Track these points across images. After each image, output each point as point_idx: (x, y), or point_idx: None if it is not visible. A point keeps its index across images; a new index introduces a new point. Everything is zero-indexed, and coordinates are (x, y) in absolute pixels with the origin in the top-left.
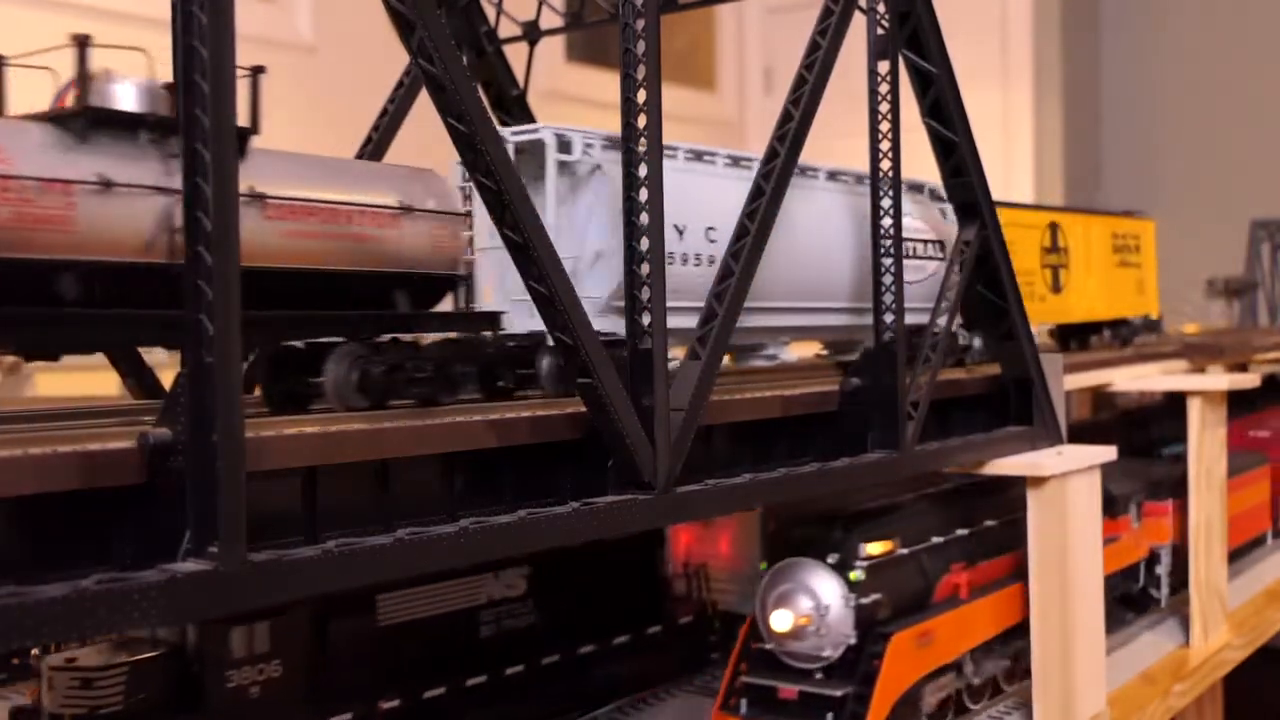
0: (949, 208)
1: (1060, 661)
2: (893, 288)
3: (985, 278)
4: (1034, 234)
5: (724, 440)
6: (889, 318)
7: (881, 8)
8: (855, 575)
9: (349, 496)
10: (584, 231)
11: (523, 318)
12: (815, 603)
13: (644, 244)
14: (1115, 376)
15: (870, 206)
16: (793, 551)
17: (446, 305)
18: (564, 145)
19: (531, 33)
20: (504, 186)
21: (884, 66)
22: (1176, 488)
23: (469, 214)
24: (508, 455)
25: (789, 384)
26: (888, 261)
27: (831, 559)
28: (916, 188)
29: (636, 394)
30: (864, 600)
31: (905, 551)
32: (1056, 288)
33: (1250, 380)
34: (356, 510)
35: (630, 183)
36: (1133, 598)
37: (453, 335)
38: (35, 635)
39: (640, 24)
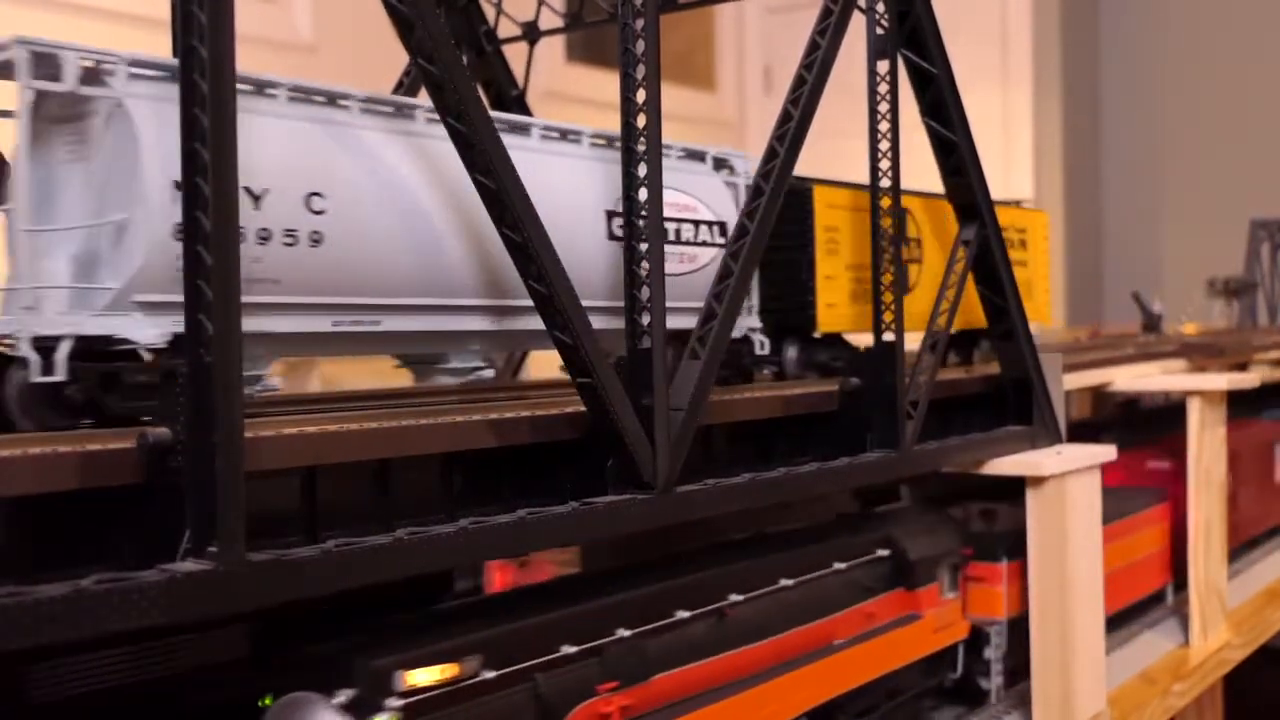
0: (741, 180)
1: (1060, 661)
2: (893, 286)
3: (984, 277)
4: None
5: (723, 440)
6: (888, 317)
7: (881, 7)
8: None
9: (348, 496)
10: (99, 196)
11: None
12: None
13: (643, 245)
14: (1115, 376)
15: (870, 205)
16: (300, 679)
17: None
18: (47, 66)
19: (531, 33)
20: (504, 186)
21: (883, 66)
22: (1017, 543)
23: None
24: (508, 455)
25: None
26: (887, 260)
27: (342, 696)
28: (696, 156)
29: (636, 394)
30: None
31: (491, 675)
32: (907, 286)
33: (1250, 380)
34: (356, 510)
35: (630, 182)
36: (948, 690)
37: None
38: (35, 635)
39: (639, 23)
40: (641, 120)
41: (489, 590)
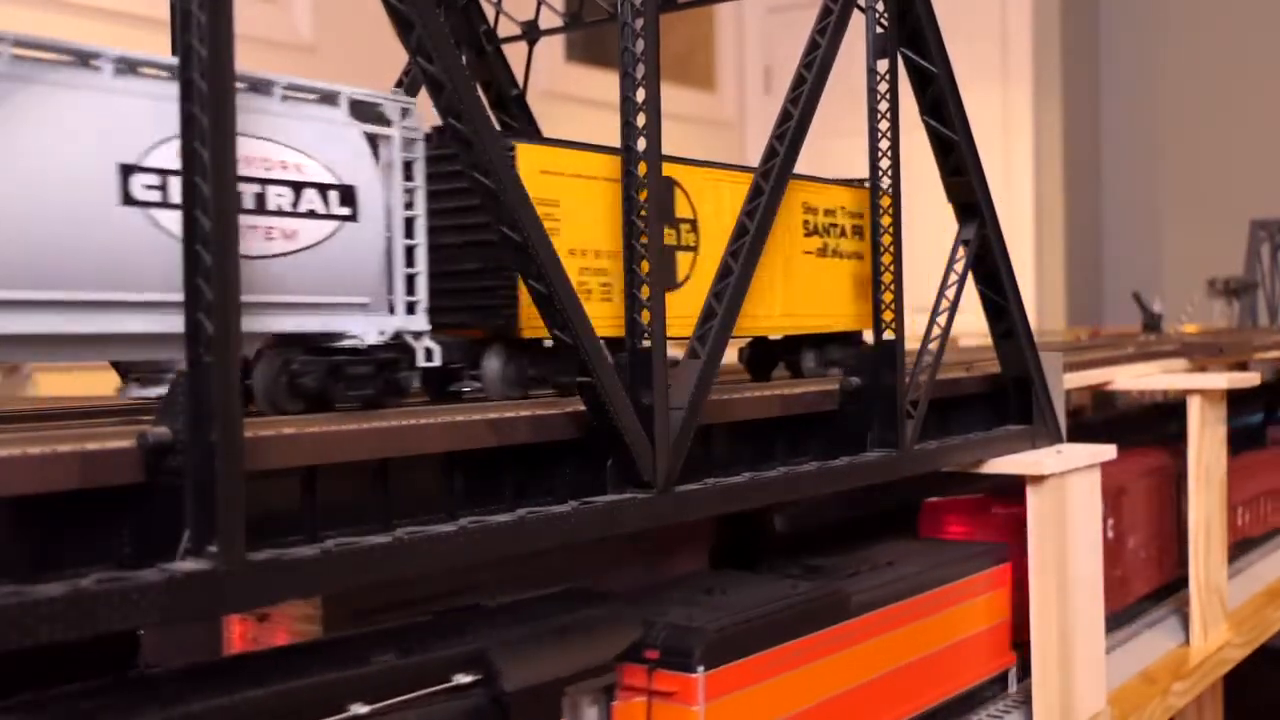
0: (398, 135)
1: (1060, 660)
2: (892, 286)
3: (984, 276)
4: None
5: (723, 439)
6: (888, 316)
7: (880, 6)
8: None
9: (348, 496)
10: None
11: None
12: None
13: (643, 242)
14: (1116, 375)
15: (870, 205)
16: None
17: None
18: None
19: (531, 32)
20: (503, 186)
21: (883, 65)
22: (739, 635)
23: None
24: (508, 454)
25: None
26: (887, 259)
27: None
28: (317, 96)
29: (636, 393)
30: None
31: None
32: (670, 281)
33: (1250, 379)
34: (356, 510)
35: (629, 182)
36: None
37: None
38: (34, 634)
39: (639, 23)
40: (641, 120)
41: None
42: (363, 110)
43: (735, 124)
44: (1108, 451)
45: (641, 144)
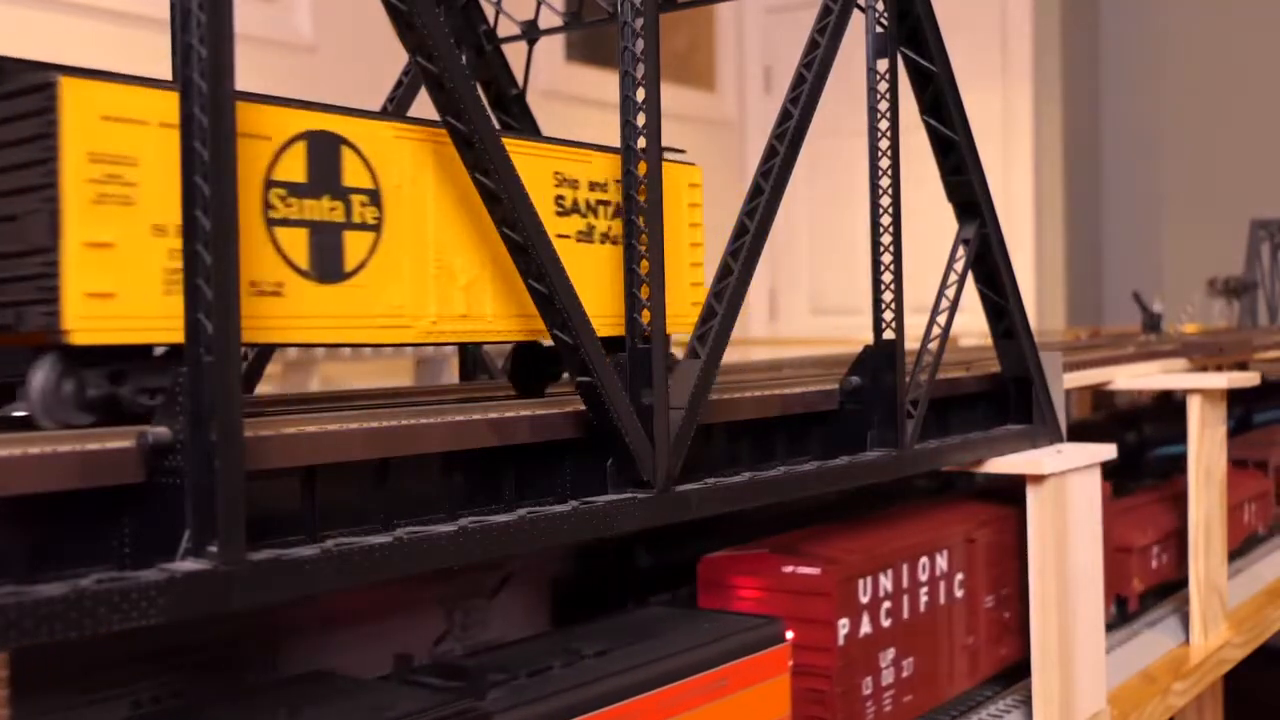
0: None
1: (1060, 660)
2: (892, 285)
3: (984, 276)
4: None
5: (723, 439)
6: (888, 316)
7: (880, 6)
8: None
9: (348, 496)
10: None
11: None
12: None
13: (643, 242)
14: (1116, 375)
15: (870, 205)
16: None
17: None
18: None
19: (530, 32)
20: (503, 186)
21: (883, 65)
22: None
23: None
24: (508, 454)
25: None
26: (887, 259)
27: None
28: None
29: (636, 392)
30: None
31: None
32: (332, 269)
33: (1250, 379)
34: (356, 509)
35: (629, 182)
36: None
37: None
38: (34, 635)
39: (639, 23)
40: (641, 120)
41: None
42: None
43: (735, 124)
44: (1108, 451)
45: (641, 144)
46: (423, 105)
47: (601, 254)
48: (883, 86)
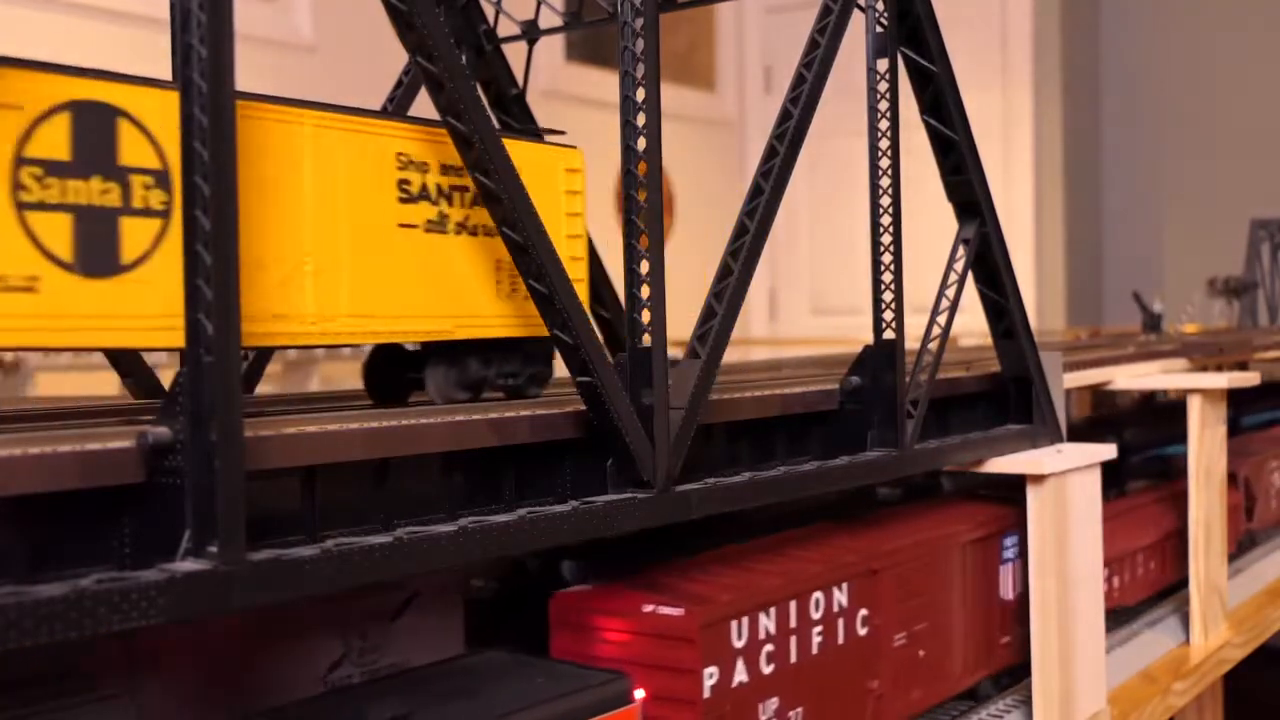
0: None
1: (1060, 659)
2: (892, 285)
3: (984, 275)
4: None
5: (723, 439)
6: (888, 316)
7: (880, 5)
8: None
9: (348, 496)
10: None
11: None
12: None
13: (643, 242)
14: (1116, 375)
15: (870, 205)
16: None
17: None
18: None
19: (530, 32)
20: (504, 186)
21: (883, 64)
22: None
23: None
24: (508, 454)
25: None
26: (887, 259)
27: None
28: None
29: (636, 392)
30: None
31: None
32: (103, 261)
33: (1250, 379)
34: (356, 509)
35: (629, 181)
36: None
37: None
38: (34, 635)
39: (639, 22)
40: (641, 120)
41: None
42: None
43: (735, 124)
44: (1108, 451)
45: (641, 144)
46: (423, 105)
47: (461, 246)
48: (883, 86)
